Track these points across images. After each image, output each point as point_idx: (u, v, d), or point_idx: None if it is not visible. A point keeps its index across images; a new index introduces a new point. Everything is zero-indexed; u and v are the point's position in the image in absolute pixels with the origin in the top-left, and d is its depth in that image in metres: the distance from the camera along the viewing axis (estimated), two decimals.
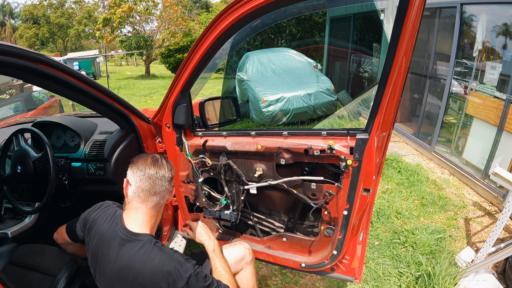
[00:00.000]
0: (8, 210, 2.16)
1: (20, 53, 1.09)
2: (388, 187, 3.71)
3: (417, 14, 1.01)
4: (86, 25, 35.24)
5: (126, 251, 1.12)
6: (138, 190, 1.19)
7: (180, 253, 1.17)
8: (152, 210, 1.21)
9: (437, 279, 2.18)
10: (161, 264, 1.08)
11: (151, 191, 1.20)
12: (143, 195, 1.19)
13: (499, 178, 2.30)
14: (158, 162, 1.24)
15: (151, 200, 1.20)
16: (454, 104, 4.28)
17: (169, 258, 1.10)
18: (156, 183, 1.20)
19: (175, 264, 1.09)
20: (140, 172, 1.21)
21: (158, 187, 1.21)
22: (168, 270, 1.07)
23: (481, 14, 3.76)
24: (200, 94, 5.15)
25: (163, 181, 1.22)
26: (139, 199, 1.19)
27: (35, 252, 1.63)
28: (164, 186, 1.23)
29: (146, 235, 1.15)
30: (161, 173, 1.22)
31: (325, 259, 1.50)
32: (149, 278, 1.07)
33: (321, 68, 7.78)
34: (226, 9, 1.24)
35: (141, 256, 1.10)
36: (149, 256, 1.09)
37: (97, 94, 1.45)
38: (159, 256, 1.09)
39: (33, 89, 7.54)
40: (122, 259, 1.12)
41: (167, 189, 1.25)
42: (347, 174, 1.30)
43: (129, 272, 1.10)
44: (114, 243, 1.15)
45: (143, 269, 1.08)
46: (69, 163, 1.98)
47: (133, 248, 1.12)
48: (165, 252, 1.11)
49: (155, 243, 1.13)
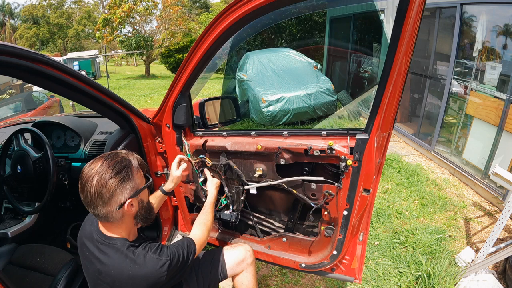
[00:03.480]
0: (8, 210, 2.16)
1: (20, 53, 1.09)
2: (388, 187, 3.71)
3: (417, 14, 1.01)
4: (85, 25, 35.24)
5: (101, 254, 1.10)
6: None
7: (153, 249, 1.11)
8: (110, 224, 1.09)
9: (437, 279, 2.18)
10: (137, 269, 1.05)
11: (88, 209, 1.06)
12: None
13: (499, 178, 2.30)
14: (91, 173, 1.02)
15: (98, 219, 1.10)
16: (454, 104, 4.28)
17: (142, 262, 1.07)
18: (87, 201, 1.04)
19: (150, 267, 1.06)
20: (79, 183, 1.07)
21: (91, 205, 1.05)
22: (144, 273, 1.05)
23: (481, 14, 3.76)
24: (200, 94, 5.15)
25: (96, 200, 1.02)
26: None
27: (35, 252, 1.63)
28: (98, 204, 1.03)
29: (120, 239, 1.10)
30: (91, 190, 1.02)
31: (325, 259, 1.50)
32: (126, 282, 1.06)
33: (321, 68, 7.78)
34: (226, 9, 1.24)
35: (115, 261, 1.07)
36: (124, 261, 1.06)
37: (97, 94, 1.45)
38: (133, 262, 1.06)
39: (33, 89, 7.54)
40: (99, 262, 1.10)
41: (108, 210, 1.04)
42: (347, 174, 1.30)
43: (106, 276, 1.08)
44: (91, 245, 1.13)
45: (119, 275, 1.06)
46: (69, 163, 1.98)
47: (108, 252, 1.09)
48: (137, 257, 1.07)
49: (128, 247, 1.09)
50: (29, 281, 1.51)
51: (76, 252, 1.99)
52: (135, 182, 1.08)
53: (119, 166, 1.05)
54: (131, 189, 1.07)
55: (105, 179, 1.01)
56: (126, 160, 1.08)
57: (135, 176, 1.09)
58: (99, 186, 1.01)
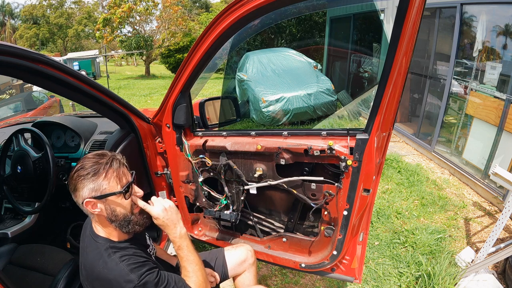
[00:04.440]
0: (8, 210, 2.16)
1: (20, 53, 1.09)
2: (388, 187, 3.71)
3: (417, 14, 1.01)
4: (86, 25, 35.25)
5: (86, 247, 1.13)
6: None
7: (131, 261, 1.06)
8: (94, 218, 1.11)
9: (437, 279, 2.18)
10: (105, 272, 1.05)
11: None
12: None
13: (499, 178, 2.30)
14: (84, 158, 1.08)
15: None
16: (454, 104, 4.28)
17: (113, 268, 1.04)
18: (71, 183, 1.06)
19: (117, 275, 1.03)
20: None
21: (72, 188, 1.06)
22: (110, 279, 1.04)
23: (481, 14, 3.76)
24: (200, 94, 5.15)
25: (70, 185, 1.06)
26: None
27: (35, 252, 1.63)
28: (71, 190, 1.06)
29: (103, 238, 1.11)
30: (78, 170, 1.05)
31: (325, 259, 1.50)
32: (95, 279, 1.07)
33: (321, 68, 7.78)
34: (226, 9, 1.24)
35: (93, 259, 1.08)
36: (98, 261, 1.07)
37: (97, 94, 1.45)
38: (104, 263, 1.06)
39: (33, 89, 7.54)
40: (82, 254, 1.14)
41: (76, 201, 1.06)
42: (347, 174, 1.30)
43: (84, 269, 1.12)
44: (83, 237, 1.18)
45: (90, 271, 1.08)
46: (69, 163, 1.98)
47: (91, 247, 1.11)
48: (111, 261, 1.05)
49: (107, 248, 1.08)
50: (29, 281, 1.51)
51: (76, 252, 2.00)
52: (100, 185, 1.04)
53: (92, 162, 1.05)
54: (93, 190, 1.03)
55: (76, 169, 1.05)
56: (103, 161, 1.06)
57: (102, 178, 1.04)
58: (72, 173, 1.06)
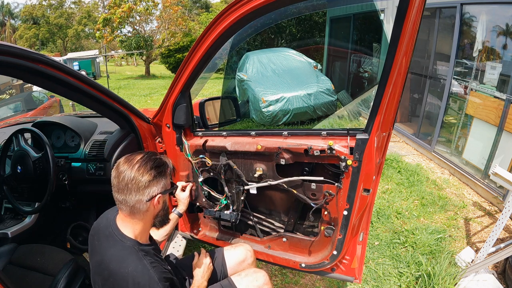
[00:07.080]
0: (8, 210, 2.16)
1: (20, 53, 1.09)
2: (388, 187, 3.71)
3: (417, 14, 1.01)
4: (86, 25, 35.24)
5: (108, 246, 1.10)
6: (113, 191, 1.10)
7: (159, 270, 1.08)
8: (130, 218, 1.10)
9: (437, 279, 2.18)
10: (134, 274, 1.04)
11: (116, 196, 1.08)
12: (115, 197, 1.09)
13: (499, 178, 2.30)
14: (133, 161, 1.08)
15: (122, 208, 1.09)
16: (454, 104, 4.28)
17: (144, 271, 1.04)
18: (120, 186, 1.05)
19: (148, 279, 1.03)
20: (113, 170, 1.09)
21: (123, 191, 1.06)
22: (138, 281, 1.03)
23: (481, 14, 3.75)
24: (200, 94, 5.15)
25: (131, 185, 1.05)
26: (116, 201, 1.10)
27: (35, 252, 1.63)
28: (132, 190, 1.05)
29: (132, 240, 1.10)
30: (129, 174, 1.05)
31: (325, 259, 1.50)
32: (119, 283, 1.05)
33: (321, 68, 7.78)
34: (226, 9, 1.24)
35: (118, 258, 1.06)
36: (125, 261, 1.05)
37: (97, 94, 1.45)
38: (135, 265, 1.05)
39: (33, 89, 7.54)
40: (103, 253, 1.10)
41: (139, 199, 1.06)
42: (347, 174, 1.30)
43: (105, 269, 1.08)
44: (103, 233, 1.14)
45: (115, 271, 1.05)
46: (69, 163, 1.98)
47: (115, 246, 1.09)
48: (142, 264, 1.05)
49: (137, 251, 1.08)
50: (29, 281, 1.51)
51: (76, 252, 2.00)
52: (167, 182, 1.14)
53: (159, 161, 1.12)
54: (163, 186, 1.12)
55: (146, 168, 1.07)
56: (163, 160, 1.15)
57: (168, 176, 1.15)
58: (139, 172, 1.06)
